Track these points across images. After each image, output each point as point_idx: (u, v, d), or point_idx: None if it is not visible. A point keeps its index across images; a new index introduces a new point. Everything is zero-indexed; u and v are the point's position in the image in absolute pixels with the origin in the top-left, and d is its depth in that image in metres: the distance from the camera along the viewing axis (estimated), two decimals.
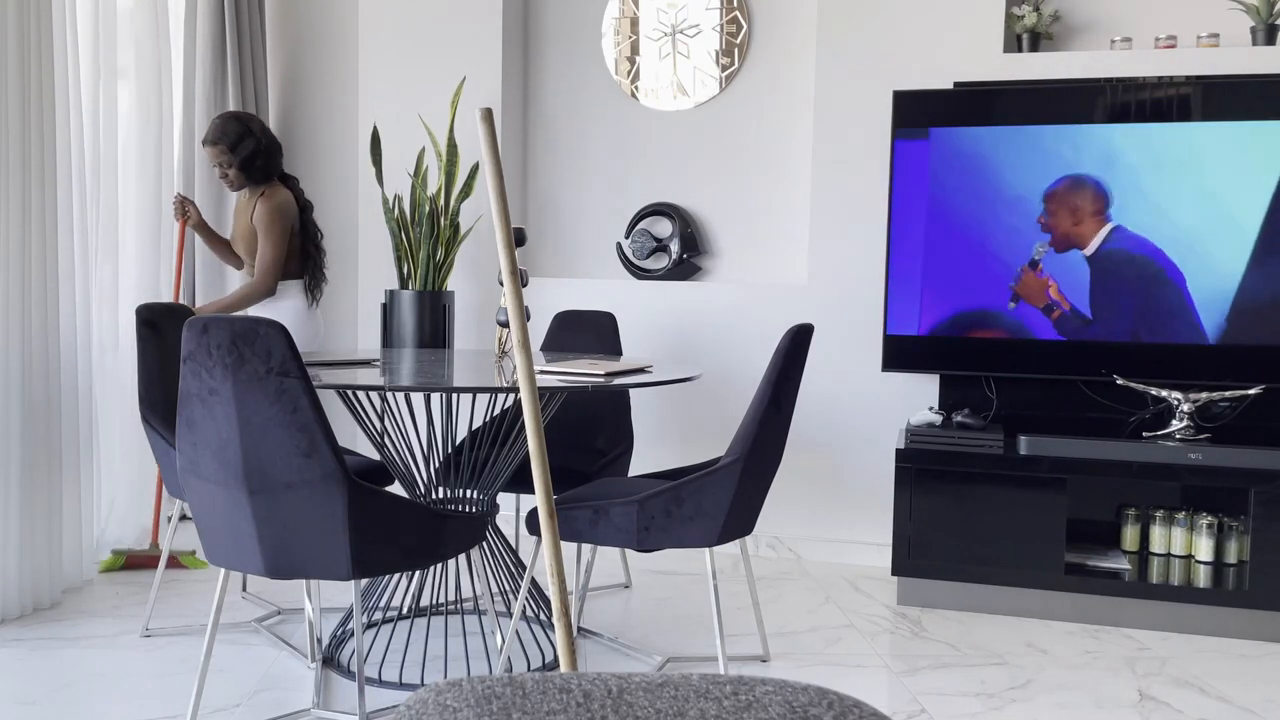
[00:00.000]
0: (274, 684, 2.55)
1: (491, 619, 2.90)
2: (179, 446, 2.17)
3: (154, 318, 2.93)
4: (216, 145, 3.40)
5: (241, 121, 3.42)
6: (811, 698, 0.95)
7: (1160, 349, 3.26)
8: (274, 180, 3.51)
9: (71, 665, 2.64)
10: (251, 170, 3.44)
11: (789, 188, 3.97)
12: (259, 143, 3.43)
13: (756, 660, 2.81)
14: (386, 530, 2.17)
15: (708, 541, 2.49)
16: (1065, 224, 3.13)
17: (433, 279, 3.83)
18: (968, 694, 2.59)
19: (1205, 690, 2.64)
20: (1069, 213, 3.09)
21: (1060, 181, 3.11)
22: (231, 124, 3.41)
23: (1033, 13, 3.50)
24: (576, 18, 4.17)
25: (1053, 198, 3.15)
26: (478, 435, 3.16)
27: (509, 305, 1.63)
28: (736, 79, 4.00)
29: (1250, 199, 3.16)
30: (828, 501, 3.81)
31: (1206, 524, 3.24)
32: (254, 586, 3.32)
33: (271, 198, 3.44)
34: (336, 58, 4.35)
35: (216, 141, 3.40)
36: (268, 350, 2.01)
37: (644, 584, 3.47)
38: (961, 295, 3.40)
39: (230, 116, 3.43)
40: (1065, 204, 3.11)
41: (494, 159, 1.61)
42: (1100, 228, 3.10)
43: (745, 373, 3.88)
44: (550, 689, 0.94)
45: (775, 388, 2.49)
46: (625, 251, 4.14)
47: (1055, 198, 3.15)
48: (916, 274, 3.45)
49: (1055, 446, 3.15)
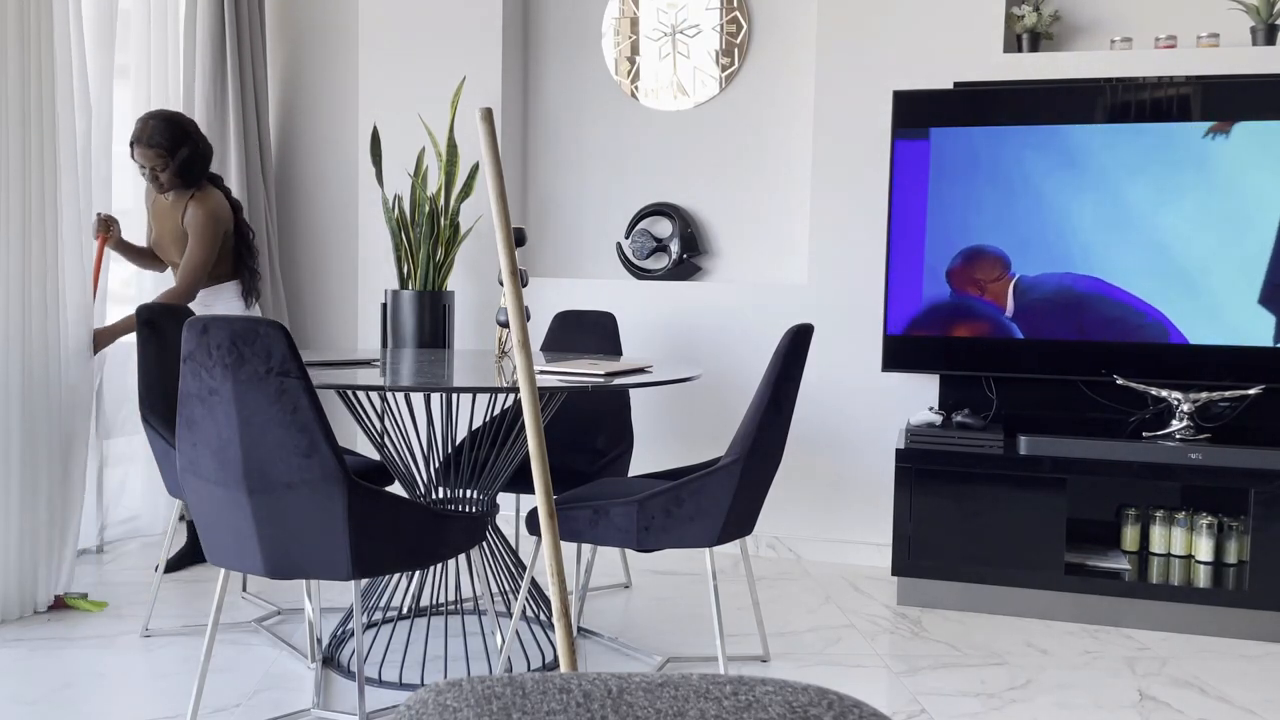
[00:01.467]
0: (274, 684, 2.55)
1: (491, 619, 2.90)
2: (179, 446, 2.17)
3: (154, 318, 2.93)
4: (153, 148, 3.24)
5: (179, 125, 3.27)
6: (811, 698, 0.95)
7: (1160, 349, 3.26)
8: (203, 181, 3.37)
9: (71, 665, 2.64)
10: (188, 175, 3.30)
11: (789, 188, 3.97)
12: (197, 146, 3.30)
13: (756, 660, 2.81)
14: (386, 530, 2.17)
15: (708, 541, 2.49)
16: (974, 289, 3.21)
17: (433, 279, 3.83)
18: (968, 694, 2.59)
19: (1205, 690, 2.64)
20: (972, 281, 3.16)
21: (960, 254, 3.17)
22: (169, 127, 3.25)
23: (1033, 13, 3.50)
24: (576, 18, 4.17)
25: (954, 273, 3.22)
26: (478, 435, 3.16)
27: (509, 305, 1.63)
28: (736, 79, 4.00)
29: (1250, 199, 3.16)
30: (828, 501, 3.81)
31: (1206, 524, 3.24)
32: (254, 586, 3.32)
33: (204, 201, 3.31)
34: (336, 58, 4.35)
35: (155, 144, 3.24)
36: (268, 350, 2.01)
37: (644, 584, 3.47)
38: (961, 295, 3.40)
39: (168, 119, 3.27)
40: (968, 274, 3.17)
41: (494, 159, 1.61)
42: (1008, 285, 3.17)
43: (745, 373, 3.88)
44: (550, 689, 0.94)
45: (775, 388, 2.49)
46: (625, 251, 4.14)
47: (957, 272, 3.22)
48: (916, 274, 3.44)
49: (1055, 446, 3.15)
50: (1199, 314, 3.22)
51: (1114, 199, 3.26)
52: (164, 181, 3.30)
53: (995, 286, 3.36)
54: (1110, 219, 3.27)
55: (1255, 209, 3.16)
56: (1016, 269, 3.35)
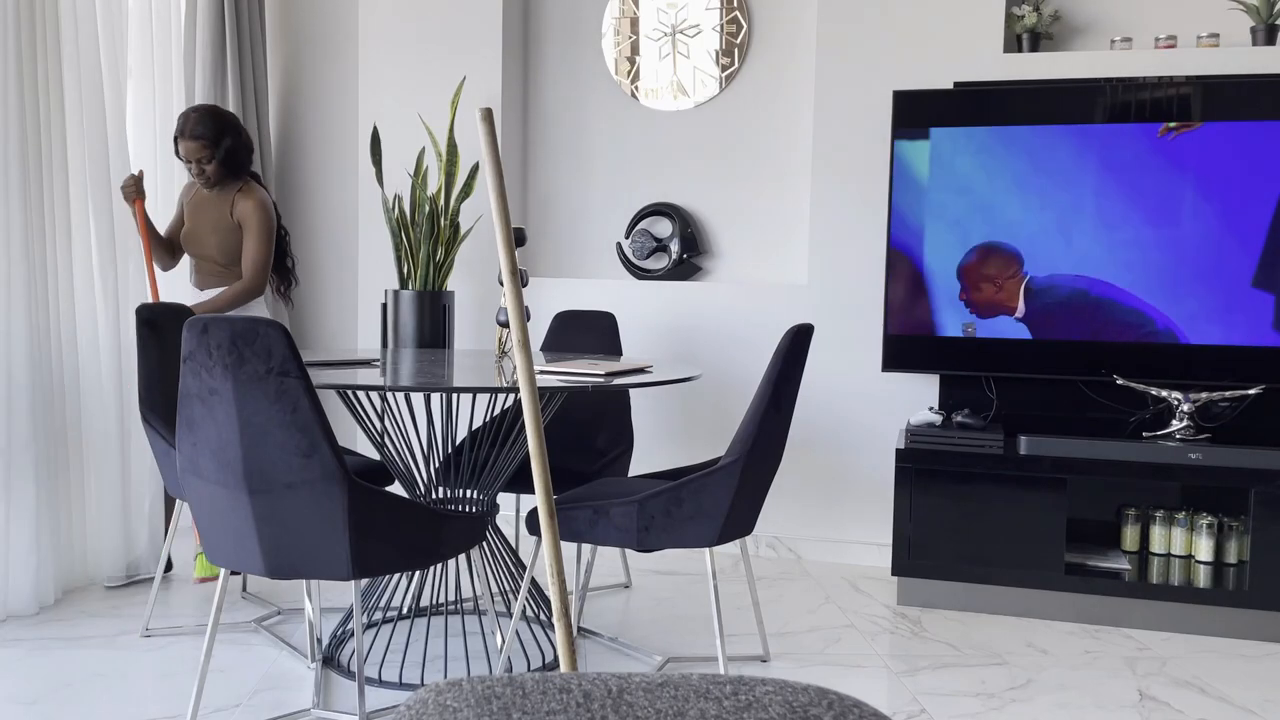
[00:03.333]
0: (274, 684, 2.55)
1: (491, 619, 2.90)
2: (179, 446, 2.17)
3: (154, 318, 2.93)
4: (198, 140, 3.28)
5: (222, 117, 3.32)
6: (811, 698, 0.95)
7: (1160, 349, 3.26)
8: (246, 177, 3.42)
9: (71, 665, 2.64)
10: (233, 166, 3.34)
11: (789, 188, 3.97)
12: (239, 137, 3.34)
13: (756, 660, 2.81)
14: (386, 530, 2.17)
15: (708, 541, 2.49)
16: (987, 293, 3.20)
17: (433, 279, 3.83)
18: (968, 694, 2.59)
19: (1205, 690, 2.64)
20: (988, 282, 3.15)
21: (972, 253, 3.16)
22: (211, 119, 3.29)
23: (1033, 13, 3.50)
24: (576, 18, 4.17)
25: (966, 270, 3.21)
26: (478, 435, 3.16)
27: (509, 305, 1.63)
28: (736, 79, 4.00)
29: (1250, 200, 3.16)
30: (828, 501, 3.81)
31: (1206, 524, 3.24)
32: (254, 586, 3.32)
33: (252, 194, 3.35)
34: (336, 58, 4.35)
35: (199, 136, 3.27)
36: (268, 350, 2.01)
37: (644, 584, 3.47)
38: (961, 294, 3.40)
39: (210, 111, 3.31)
40: (979, 273, 3.16)
41: (494, 159, 1.61)
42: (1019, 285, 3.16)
43: (745, 373, 3.88)
44: (550, 689, 0.94)
45: (775, 388, 2.49)
46: (625, 251, 4.14)
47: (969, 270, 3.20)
48: (917, 274, 3.44)
49: (1055, 446, 3.15)
50: (1198, 313, 3.22)
51: (1115, 199, 3.26)
52: (210, 174, 3.32)
53: (1009, 284, 3.36)
54: (1110, 219, 3.27)
55: (1251, 208, 3.16)
56: (1025, 269, 3.35)
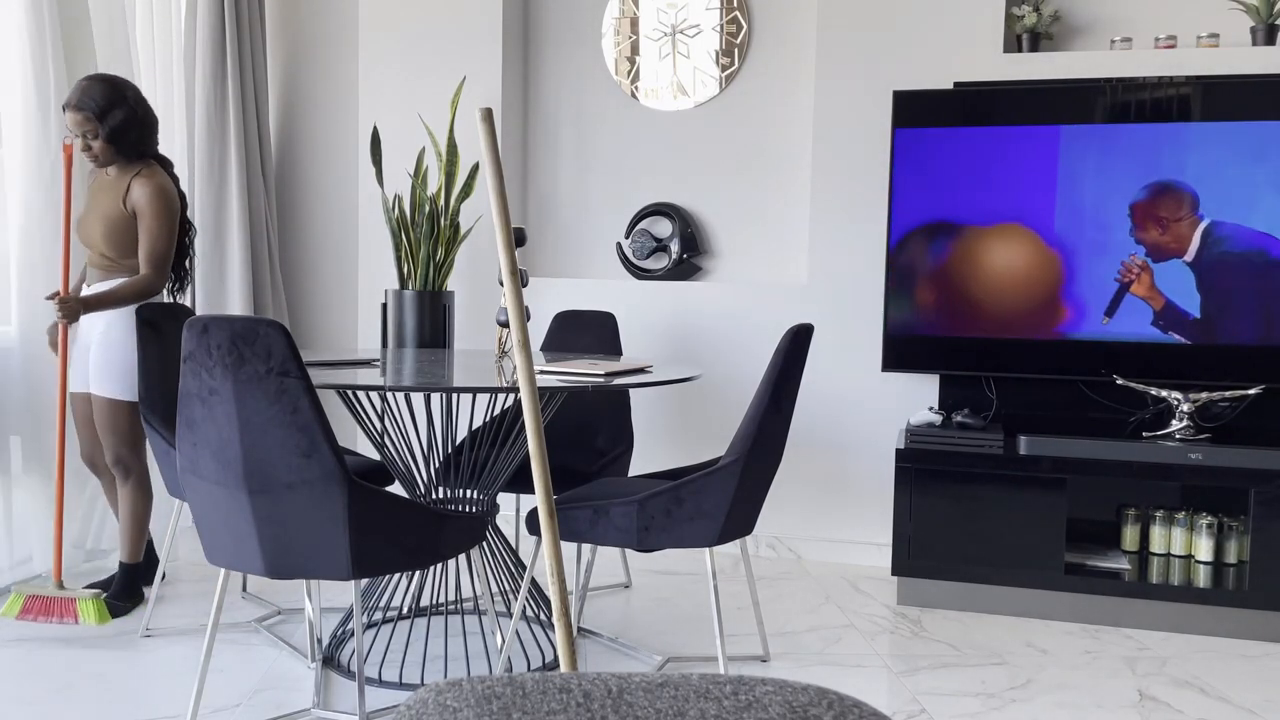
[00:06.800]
0: (274, 684, 2.55)
1: (491, 619, 2.90)
2: (179, 446, 2.17)
3: (154, 318, 2.93)
4: (80, 111, 2.87)
5: (112, 86, 2.91)
6: (811, 698, 0.95)
7: (1160, 348, 3.26)
8: (148, 159, 3.02)
9: (71, 665, 2.64)
10: (122, 144, 2.93)
11: (789, 188, 3.97)
12: (132, 112, 2.92)
13: (756, 660, 2.81)
14: (386, 530, 2.17)
15: (708, 541, 2.49)
16: (1155, 234, 3.14)
17: (433, 279, 3.83)
18: (968, 694, 2.59)
19: (1205, 690, 2.64)
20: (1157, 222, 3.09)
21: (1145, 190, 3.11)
22: (103, 88, 2.89)
23: (1033, 13, 3.50)
24: (576, 18, 4.17)
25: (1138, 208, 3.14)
26: (478, 435, 3.16)
27: (509, 305, 1.63)
28: (736, 79, 4.00)
29: (1251, 200, 3.16)
30: (828, 501, 3.81)
31: (1206, 524, 3.24)
32: (254, 586, 3.32)
33: (151, 178, 2.95)
34: (336, 58, 4.35)
35: (82, 108, 2.87)
36: (268, 350, 2.01)
37: (644, 584, 3.47)
38: (960, 294, 3.40)
39: (99, 79, 2.90)
40: (1151, 213, 3.10)
41: (494, 159, 1.61)
42: (1194, 229, 3.12)
43: (745, 373, 3.88)
44: (550, 689, 0.94)
45: (775, 388, 2.49)
46: (625, 251, 4.14)
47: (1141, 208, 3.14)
48: (916, 274, 3.44)
49: (1055, 446, 3.15)
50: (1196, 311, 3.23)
51: (1113, 199, 3.26)
52: (97, 151, 2.93)
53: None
54: (1110, 219, 3.27)
55: (1247, 207, 3.16)
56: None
